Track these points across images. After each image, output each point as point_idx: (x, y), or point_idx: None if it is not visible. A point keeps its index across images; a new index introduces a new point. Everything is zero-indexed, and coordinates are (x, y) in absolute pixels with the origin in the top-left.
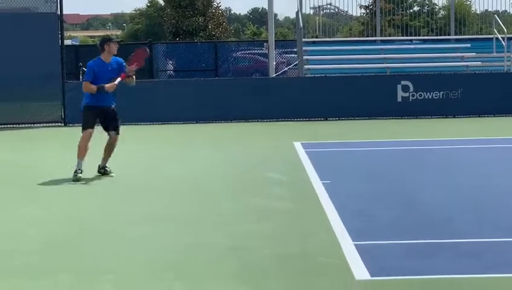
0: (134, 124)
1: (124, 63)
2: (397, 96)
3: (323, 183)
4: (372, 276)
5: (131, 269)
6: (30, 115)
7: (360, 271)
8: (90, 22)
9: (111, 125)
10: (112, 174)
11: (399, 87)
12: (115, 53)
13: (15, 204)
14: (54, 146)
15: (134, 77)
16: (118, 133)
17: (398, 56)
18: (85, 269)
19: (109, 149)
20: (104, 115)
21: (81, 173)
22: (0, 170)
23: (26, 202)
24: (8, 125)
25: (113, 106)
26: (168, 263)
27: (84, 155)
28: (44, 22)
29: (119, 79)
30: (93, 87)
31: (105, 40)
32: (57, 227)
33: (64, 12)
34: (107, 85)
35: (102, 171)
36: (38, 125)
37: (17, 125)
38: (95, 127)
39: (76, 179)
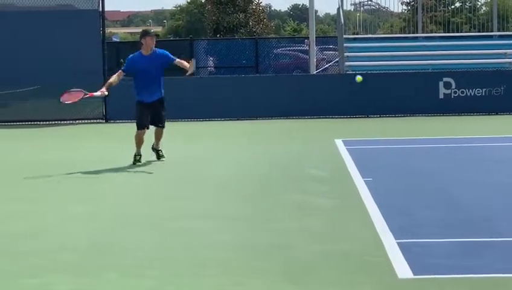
0: (176, 121)
1: (170, 56)
2: (439, 93)
3: (365, 180)
4: (414, 274)
5: (176, 266)
6: (72, 111)
7: (402, 269)
8: (131, 19)
9: (156, 121)
10: (163, 159)
11: (441, 84)
12: (152, 47)
13: (61, 201)
14: (96, 143)
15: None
16: (162, 128)
17: (440, 53)
18: (130, 265)
19: (158, 136)
20: (151, 111)
21: (140, 158)
22: (45, 167)
23: (72, 199)
24: (51, 122)
25: (161, 96)
26: (212, 260)
27: (140, 145)
28: (87, 19)
29: (98, 93)
30: (107, 84)
31: (142, 34)
32: (103, 224)
33: (105, 9)
34: (95, 94)
35: (156, 153)
36: (80, 122)
37: (60, 122)
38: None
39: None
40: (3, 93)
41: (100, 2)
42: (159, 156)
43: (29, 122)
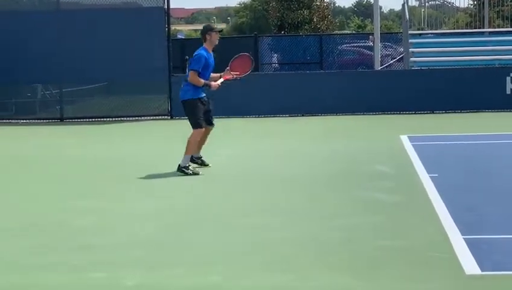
0: (239, 117)
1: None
2: (506, 88)
3: (430, 176)
4: (482, 271)
5: (243, 262)
6: (138, 108)
7: (470, 265)
8: (195, 16)
9: (208, 117)
10: (209, 165)
11: (508, 79)
12: (217, 43)
13: (129, 197)
14: (162, 139)
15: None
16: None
17: (507, 48)
18: (197, 261)
19: (204, 140)
20: (204, 107)
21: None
22: (112, 164)
23: (139, 196)
24: (117, 119)
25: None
26: (279, 255)
27: (195, 151)
28: (152, 16)
29: (222, 80)
30: (201, 81)
31: (207, 29)
32: (171, 219)
33: (170, 7)
34: (213, 84)
35: (199, 162)
36: (146, 118)
37: (126, 118)
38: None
39: (194, 172)
40: (71, 90)
41: None
42: (204, 162)
43: (96, 119)
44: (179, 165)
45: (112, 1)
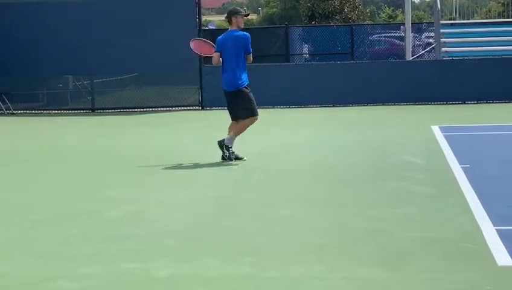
0: (270, 108)
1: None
2: None
3: (462, 167)
4: None
5: (271, 251)
6: (169, 99)
7: (502, 257)
8: (226, 6)
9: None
10: (244, 158)
11: None
12: (242, 26)
13: (161, 188)
14: (193, 130)
15: None
16: None
17: None
18: (229, 251)
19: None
20: None
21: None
22: (143, 154)
23: (172, 186)
24: (148, 109)
25: None
26: (309, 246)
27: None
28: (183, 7)
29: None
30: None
31: (233, 12)
32: (203, 210)
33: None
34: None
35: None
36: (177, 108)
37: (157, 109)
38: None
39: (231, 157)
40: (102, 81)
41: None
42: (238, 157)
43: (127, 110)
44: (224, 140)
45: None
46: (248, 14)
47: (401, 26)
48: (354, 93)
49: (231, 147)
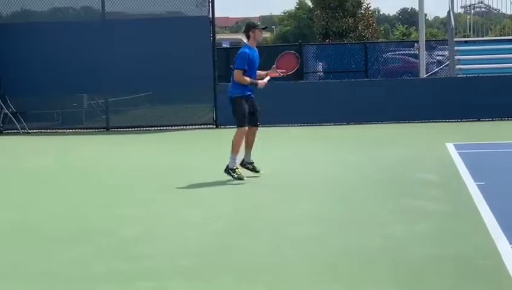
0: (285, 126)
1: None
2: None
3: (477, 184)
4: None
5: (286, 270)
6: (183, 117)
7: None
8: (240, 25)
9: (255, 118)
10: (260, 171)
11: None
12: (260, 40)
13: (176, 205)
14: (208, 148)
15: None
16: (258, 126)
17: None
18: (245, 270)
19: (251, 141)
20: (249, 106)
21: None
22: (158, 172)
23: (187, 203)
24: (162, 128)
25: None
26: (323, 264)
27: (238, 151)
28: (197, 25)
29: (268, 78)
30: (247, 80)
31: (251, 26)
32: (218, 228)
33: (215, 16)
34: (260, 82)
35: (250, 167)
36: (191, 127)
37: (171, 128)
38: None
39: (239, 177)
40: (116, 100)
41: (210, 8)
42: (255, 169)
43: (142, 128)
44: (227, 165)
45: (156, 11)
46: (266, 28)
47: (415, 44)
48: (369, 111)
49: (236, 169)
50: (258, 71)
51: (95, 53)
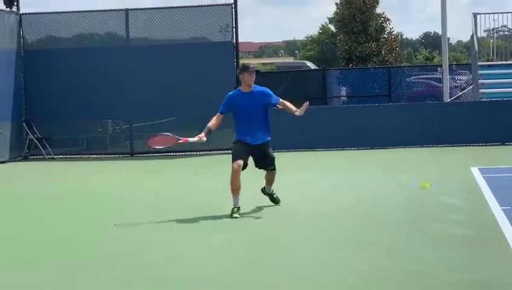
0: (308, 151)
1: (272, 96)
2: None
3: (502, 209)
4: None
5: None
6: (206, 142)
7: None
8: (263, 50)
9: (263, 164)
10: (278, 203)
11: None
12: (251, 83)
13: (197, 231)
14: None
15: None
16: (272, 170)
17: None
18: None
19: (268, 179)
20: (253, 153)
21: (237, 210)
22: (183, 198)
23: (210, 229)
24: (186, 153)
25: (265, 141)
26: (345, 286)
27: (235, 190)
28: (220, 51)
29: (195, 139)
30: (206, 129)
31: (240, 69)
32: (241, 253)
33: (238, 41)
34: (190, 139)
35: (270, 198)
36: (215, 152)
37: (195, 153)
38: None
39: (233, 216)
40: (140, 125)
41: (234, 33)
42: (274, 200)
43: (165, 154)
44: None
45: (180, 36)
46: (257, 70)
47: (438, 68)
48: (392, 135)
49: (235, 207)
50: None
51: (120, 79)
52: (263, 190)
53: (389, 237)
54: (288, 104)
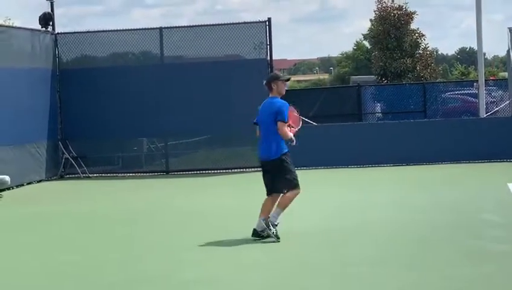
0: (344, 168)
1: (280, 113)
2: None
3: None
4: None
5: None
6: (241, 160)
7: None
8: (298, 67)
9: (269, 187)
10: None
11: None
12: (283, 93)
13: (234, 249)
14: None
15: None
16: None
17: None
18: None
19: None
20: (266, 172)
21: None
22: (218, 215)
23: (245, 247)
24: (221, 171)
25: (270, 158)
26: None
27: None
28: (255, 68)
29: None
30: (290, 135)
31: (273, 77)
32: (279, 270)
33: (273, 58)
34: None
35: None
36: (250, 170)
37: (230, 170)
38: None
39: (277, 235)
40: (176, 143)
41: (268, 51)
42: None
43: (202, 171)
44: (268, 221)
45: (214, 54)
46: (289, 79)
47: (474, 83)
48: (428, 151)
49: (277, 224)
50: None
51: (154, 97)
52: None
53: (427, 254)
54: (281, 131)
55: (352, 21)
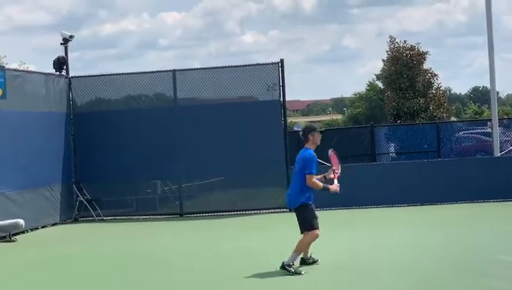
0: (357, 208)
1: (307, 167)
2: None
3: None
4: None
5: None
6: (256, 201)
7: None
8: (311, 108)
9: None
10: (318, 261)
11: None
12: (319, 143)
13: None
14: (281, 232)
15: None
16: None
17: None
18: None
19: None
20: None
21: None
22: (233, 257)
23: (266, 287)
24: (236, 212)
25: (293, 205)
26: None
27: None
28: (268, 109)
29: (336, 181)
30: (320, 185)
31: (310, 129)
32: None
33: (286, 99)
34: (332, 187)
35: (311, 261)
36: (265, 211)
37: (245, 212)
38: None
39: (296, 271)
40: (190, 185)
41: (281, 92)
42: (314, 260)
43: (216, 213)
44: (283, 262)
45: (227, 96)
46: (324, 131)
47: (488, 122)
48: (443, 191)
49: (293, 264)
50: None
51: (168, 139)
52: (304, 260)
53: None
54: (310, 184)
55: (365, 61)
